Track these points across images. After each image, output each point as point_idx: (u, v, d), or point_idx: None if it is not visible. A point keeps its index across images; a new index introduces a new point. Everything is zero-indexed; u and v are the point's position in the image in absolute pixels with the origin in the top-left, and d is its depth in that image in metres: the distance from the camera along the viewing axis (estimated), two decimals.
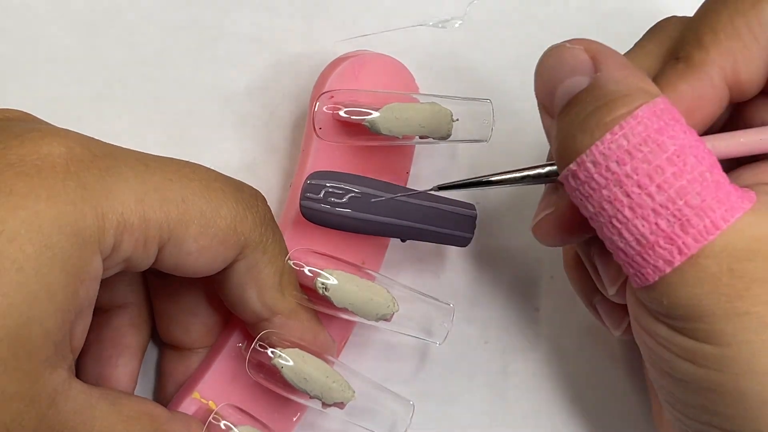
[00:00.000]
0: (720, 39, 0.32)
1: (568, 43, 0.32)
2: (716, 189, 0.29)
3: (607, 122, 0.29)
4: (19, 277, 0.29)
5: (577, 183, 0.30)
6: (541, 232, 0.35)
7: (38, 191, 0.30)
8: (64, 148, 0.31)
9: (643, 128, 0.29)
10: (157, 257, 0.34)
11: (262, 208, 0.36)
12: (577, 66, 0.31)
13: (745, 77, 0.32)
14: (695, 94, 0.32)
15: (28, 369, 0.30)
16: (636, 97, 0.29)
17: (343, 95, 0.38)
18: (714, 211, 0.29)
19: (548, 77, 0.32)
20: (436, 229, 0.39)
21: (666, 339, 0.30)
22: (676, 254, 0.29)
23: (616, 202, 0.29)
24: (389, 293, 0.38)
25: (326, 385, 0.37)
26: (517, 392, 0.43)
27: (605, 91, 0.30)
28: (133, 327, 0.39)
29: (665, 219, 0.29)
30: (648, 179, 0.29)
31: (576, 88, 0.31)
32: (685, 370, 0.30)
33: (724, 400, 0.29)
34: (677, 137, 0.29)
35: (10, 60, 0.42)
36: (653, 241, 0.29)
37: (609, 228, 0.30)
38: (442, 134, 0.38)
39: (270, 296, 0.36)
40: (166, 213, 0.33)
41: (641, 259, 0.29)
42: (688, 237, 0.29)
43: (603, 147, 0.29)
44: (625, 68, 0.31)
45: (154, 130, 0.42)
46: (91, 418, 0.32)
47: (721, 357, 0.29)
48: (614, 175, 0.29)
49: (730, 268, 0.28)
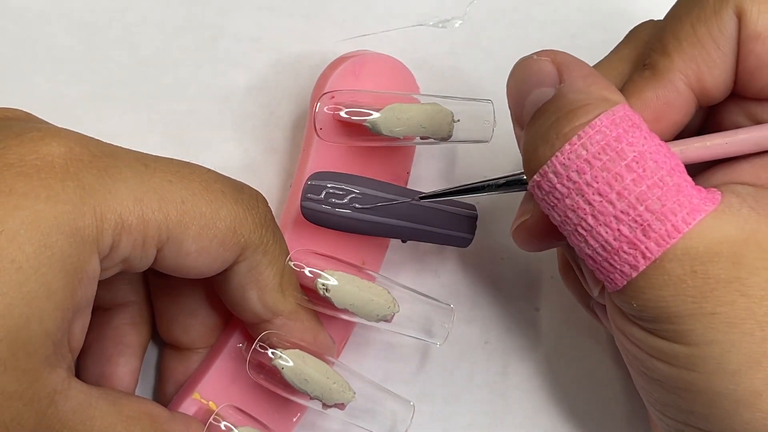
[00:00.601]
0: (683, 47, 0.32)
1: (536, 55, 0.32)
2: (677, 193, 0.29)
3: (566, 132, 0.30)
4: (19, 276, 0.29)
5: (542, 193, 0.31)
6: (519, 238, 0.36)
7: (37, 191, 0.30)
8: (63, 148, 0.31)
9: (601, 137, 0.30)
10: (156, 258, 0.34)
11: (262, 209, 0.36)
12: (543, 77, 0.32)
13: (710, 83, 0.33)
14: (661, 101, 0.33)
15: (28, 368, 0.30)
16: (595, 106, 0.30)
17: (344, 96, 0.38)
18: (675, 215, 0.29)
19: (517, 89, 0.33)
20: (436, 230, 0.39)
21: (640, 340, 0.31)
22: (640, 259, 0.29)
23: (579, 210, 0.30)
24: (390, 294, 0.38)
25: (327, 386, 0.37)
26: (517, 392, 0.43)
27: (566, 101, 0.31)
28: (134, 326, 0.39)
29: (627, 225, 0.29)
30: (608, 187, 0.29)
31: (542, 99, 0.32)
32: (660, 370, 0.31)
33: (698, 399, 0.30)
34: (636, 144, 0.30)
35: (10, 60, 0.42)
36: (617, 247, 0.30)
37: (576, 236, 0.30)
38: (443, 135, 0.38)
39: (271, 297, 0.36)
40: (165, 214, 0.33)
41: (608, 264, 0.30)
42: (650, 242, 0.29)
43: (563, 157, 0.30)
44: (589, 77, 0.31)
45: (154, 130, 0.42)
46: (91, 418, 0.32)
47: (692, 356, 0.29)
48: (575, 184, 0.30)
49: (694, 270, 0.29)
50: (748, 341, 0.29)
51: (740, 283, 0.29)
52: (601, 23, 0.44)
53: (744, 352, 0.29)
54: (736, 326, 0.29)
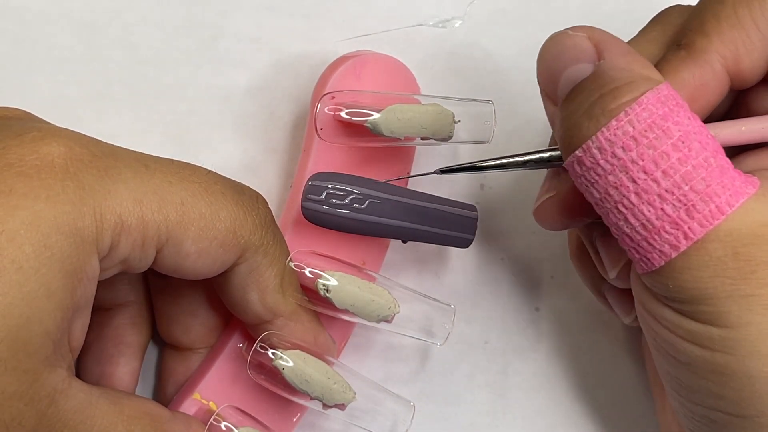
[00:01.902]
0: (723, 27, 0.32)
1: (571, 31, 0.32)
2: (721, 174, 0.29)
3: (612, 109, 0.30)
4: (19, 276, 0.29)
5: (582, 169, 0.30)
6: (543, 215, 0.36)
7: (37, 191, 0.30)
8: (63, 148, 0.31)
9: (648, 114, 0.29)
10: (155, 259, 0.34)
11: (262, 210, 0.36)
12: (580, 53, 0.31)
13: (747, 66, 0.33)
14: (697, 81, 0.33)
15: (28, 368, 0.30)
16: (640, 83, 0.30)
17: (345, 96, 0.38)
18: (719, 196, 0.29)
19: (551, 65, 0.32)
20: (437, 231, 0.39)
21: (671, 322, 0.31)
22: (682, 239, 0.29)
23: (621, 187, 0.30)
24: (390, 294, 0.38)
25: (327, 387, 0.37)
26: (518, 392, 0.43)
27: (609, 78, 0.30)
28: (134, 326, 0.39)
29: (671, 204, 0.29)
30: (654, 165, 0.29)
31: (580, 75, 0.31)
32: (691, 352, 0.30)
33: (730, 383, 0.30)
34: (681, 123, 0.29)
35: (10, 60, 0.42)
36: (659, 227, 0.29)
37: (615, 214, 0.30)
38: (443, 135, 0.38)
39: (271, 298, 0.36)
40: (165, 215, 0.33)
41: (647, 244, 0.30)
42: (693, 222, 0.29)
43: (609, 133, 0.30)
44: (629, 55, 0.31)
45: (154, 130, 0.42)
46: (92, 417, 0.32)
47: (727, 339, 0.29)
48: (620, 161, 0.29)
49: (735, 252, 0.29)
50: None
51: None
52: (601, 23, 0.44)
53: None
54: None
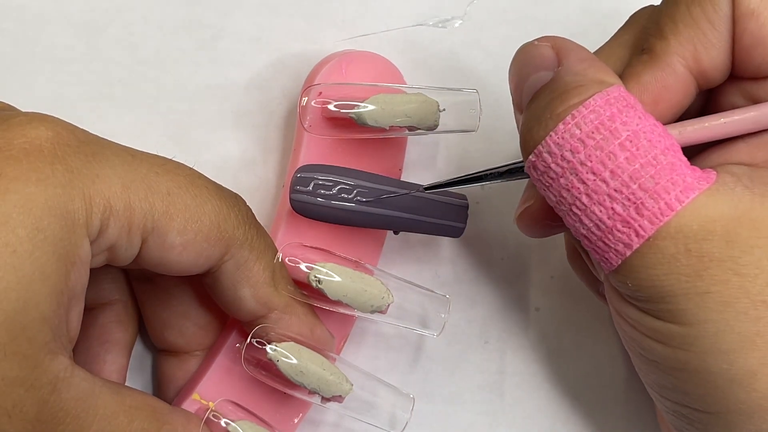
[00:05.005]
0: (679, 29, 0.33)
1: (537, 41, 0.33)
2: (670, 171, 0.29)
3: (559, 113, 0.30)
4: (13, 260, 0.29)
5: (537, 173, 0.31)
6: (523, 223, 0.36)
7: (28, 174, 0.30)
8: (50, 132, 0.31)
9: (595, 116, 0.30)
10: (140, 251, 0.33)
11: (243, 207, 0.36)
12: (542, 62, 0.32)
13: (708, 64, 0.33)
14: (659, 84, 0.33)
15: (28, 353, 0.29)
16: (590, 87, 0.30)
17: (330, 90, 0.38)
18: (668, 193, 0.29)
19: (517, 74, 0.33)
20: (428, 220, 0.39)
21: (636, 320, 0.31)
22: (633, 237, 0.30)
23: (573, 189, 0.30)
24: (383, 284, 0.38)
25: (323, 378, 0.36)
26: (517, 392, 0.43)
27: (562, 83, 0.31)
28: (120, 324, 0.39)
29: (620, 203, 0.29)
30: (601, 165, 0.29)
31: (540, 82, 0.32)
32: (656, 350, 0.31)
33: (693, 379, 0.30)
34: (630, 123, 0.30)
35: (10, 60, 0.42)
36: (611, 226, 0.30)
37: (571, 216, 0.31)
38: (429, 124, 0.38)
39: (264, 292, 0.36)
40: (151, 204, 0.33)
41: (603, 244, 0.30)
42: (643, 219, 0.29)
43: (557, 137, 0.30)
44: (585, 61, 0.32)
45: (154, 130, 0.42)
46: (94, 406, 0.32)
47: (687, 336, 0.29)
48: (569, 163, 0.30)
49: (687, 248, 0.29)
50: (741, 320, 0.29)
51: (734, 261, 0.29)
52: (601, 23, 0.44)
53: (738, 331, 0.29)
54: (729, 305, 0.29)
